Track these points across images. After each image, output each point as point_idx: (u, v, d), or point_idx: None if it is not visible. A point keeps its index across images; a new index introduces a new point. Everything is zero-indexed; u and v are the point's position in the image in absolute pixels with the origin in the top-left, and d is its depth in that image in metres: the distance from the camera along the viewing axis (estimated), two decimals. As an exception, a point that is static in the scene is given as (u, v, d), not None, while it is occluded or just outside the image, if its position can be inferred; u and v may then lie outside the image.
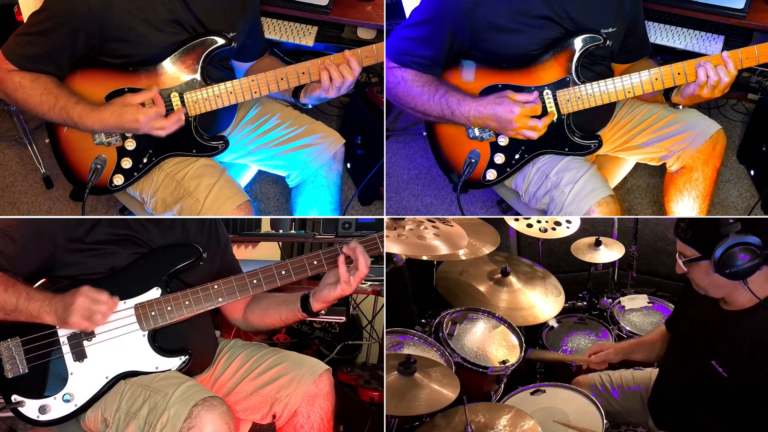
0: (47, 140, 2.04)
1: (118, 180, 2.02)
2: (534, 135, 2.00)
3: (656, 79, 1.98)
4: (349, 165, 2.94)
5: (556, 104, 2.03)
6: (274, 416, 1.72)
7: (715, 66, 1.91)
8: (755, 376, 1.56)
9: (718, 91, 1.94)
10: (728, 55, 1.91)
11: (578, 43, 1.97)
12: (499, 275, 2.45)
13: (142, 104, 1.87)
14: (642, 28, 2.20)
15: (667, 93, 2.05)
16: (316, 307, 1.72)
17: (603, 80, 2.00)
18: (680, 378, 1.77)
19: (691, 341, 1.76)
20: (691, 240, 1.59)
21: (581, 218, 2.53)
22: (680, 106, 2.09)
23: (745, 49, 1.93)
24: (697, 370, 1.68)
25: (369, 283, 2.67)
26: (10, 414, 1.58)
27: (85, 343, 1.59)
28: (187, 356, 1.66)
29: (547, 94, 2.02)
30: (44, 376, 1.58)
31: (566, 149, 2.10)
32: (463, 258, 2.25)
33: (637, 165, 2.45)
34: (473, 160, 2.10)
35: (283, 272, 1.68)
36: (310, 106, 2.13)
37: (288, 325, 2.77)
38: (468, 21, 1.96)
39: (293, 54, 2.95)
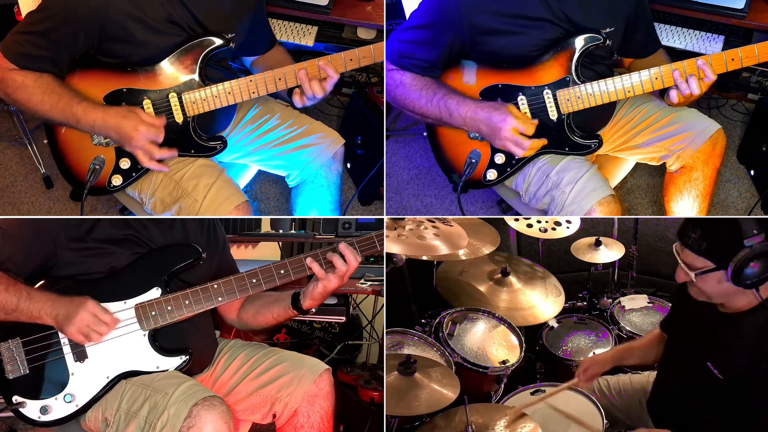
0: (46, 140, 2.04)
1: (117, 180, 2.02)
2: (519, 152, 2.00)
3: (656, 78, 1.98)
4: (349, 165, 2.94)
5: (556, 104, 2.03)
6: (274, 416, 1.72)
7: (689, 75, 1.93)
8: (750, 375, 1.54)
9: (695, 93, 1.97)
10: (703, 62, 1.93)
11: (578, 43, 1.97)
12: (499, 275, 2.45)
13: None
14: (647, 25, 2.19)
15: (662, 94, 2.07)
16: (305, 304, 1.72)
17: (603, 80, 2.00)
18: (677, 379, 1.76)
19: (687, 343, 1.75)
20: (705, 252, 1.50)
21: (581, 218, 2.53)
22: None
23: (729, 51, 1.94)
24: (693, 371, 1.67)
25: (369, 283, 2.67)
26: (11, 414, 1.58)
27: (86, 343, 1.59)
28: (188, 356, 1.66)
29: (547, 93, 2.02)
30: (45, 377, 1.58)
31: (567, 149, 2.10)
32: (463, 258, 2.26)
33: (637, 165, 2.45)
34: (474, 160, 2.10)
35: (282, 272, 1.68)
36: (309, 104, 2.13)
37: (281, 324, 2.76)
38: (467, 24, 1.96)
39: (293, 54, 2.94)
